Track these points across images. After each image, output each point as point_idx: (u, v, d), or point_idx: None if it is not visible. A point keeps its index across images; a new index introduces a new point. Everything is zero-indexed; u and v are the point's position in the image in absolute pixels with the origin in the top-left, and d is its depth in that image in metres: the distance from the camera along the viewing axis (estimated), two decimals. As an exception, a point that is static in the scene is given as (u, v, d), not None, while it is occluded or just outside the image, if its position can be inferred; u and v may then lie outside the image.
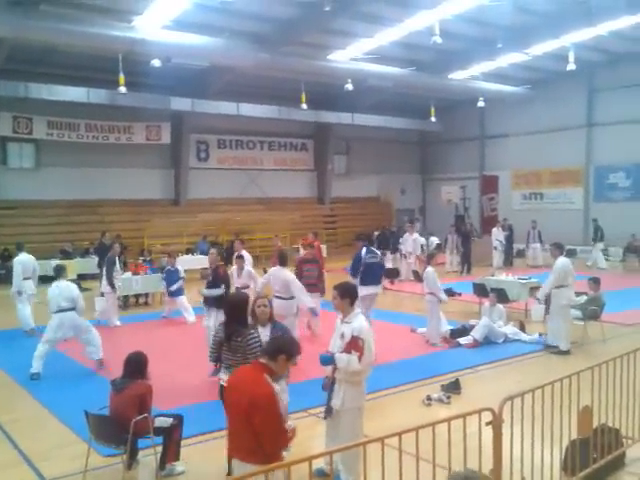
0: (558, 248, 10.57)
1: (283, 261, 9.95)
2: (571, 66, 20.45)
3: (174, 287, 13.62)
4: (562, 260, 10.34)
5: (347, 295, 5.58)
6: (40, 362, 9.06)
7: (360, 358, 5.27)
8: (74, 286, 9.65)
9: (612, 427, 5.70)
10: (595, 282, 11.08)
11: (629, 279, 19.27)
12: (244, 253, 11.97)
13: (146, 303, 15.93)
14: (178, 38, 17.69)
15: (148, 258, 18.59)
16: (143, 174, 25.27)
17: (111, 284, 12.98)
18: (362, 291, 9.21)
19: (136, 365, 6.01)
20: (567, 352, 10.07)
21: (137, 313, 14.77)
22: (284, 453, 5.63)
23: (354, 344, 5.31)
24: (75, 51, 18.64)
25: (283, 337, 4.74)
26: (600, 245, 23.07)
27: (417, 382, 8.56)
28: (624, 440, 5.83)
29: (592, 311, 10.81)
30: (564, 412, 5.15)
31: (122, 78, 18.04)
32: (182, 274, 13.86)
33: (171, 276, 13.85)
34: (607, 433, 5.61)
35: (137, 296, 15.83)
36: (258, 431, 3.87)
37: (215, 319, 8.83)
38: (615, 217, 24.84)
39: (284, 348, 4.21)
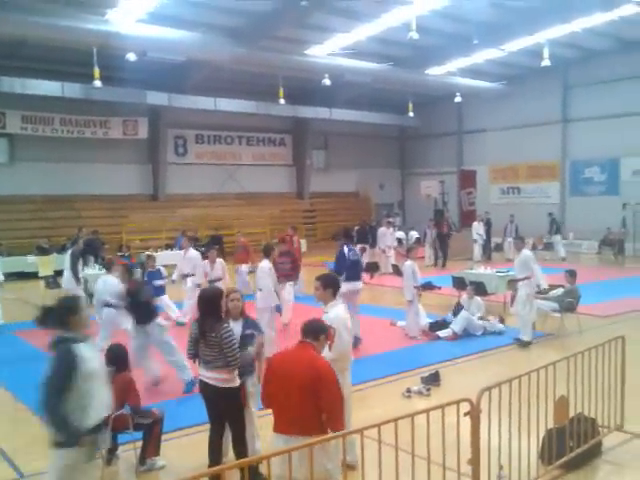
0: (522, 241, 11.12)
1: (267, 253, 9.95)
2: (546, 62, 20.66)
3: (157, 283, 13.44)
4: (527, 252, 10.65)
5: (330, 286, 5.70)
6: None
7: (330, 346, 5.33)
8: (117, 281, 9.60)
9: (588, 416, 5.80)
10: (571, 275, 11.24)
11: (604, 271, 19.57)
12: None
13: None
14: (153, 32, 17.53)
15: (126, 254, 18.43)
16: (120, 169, 25.03)
17: (76, 278, 12.65)
18: (345, 287, 9.25)
19: (116, 358, 5.97)
20: (528, 343, 10.16)
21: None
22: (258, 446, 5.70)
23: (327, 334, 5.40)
24: (48, 44, 18.36)
25: (316, 320, 4.84)
26: (557, 237, 23.58)
27: (397, 375, 8.62)
28: (600, 429, 5.94)
29: (568, 303, 10.95)
30: (541, 402, 5.22)
31: (97, 72, 17.85)
32: (164, 274, 13.58)
33: (153, 277, 13.69)
34: (583, 422, 5.70)
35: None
36: (328, 401, 4.16)
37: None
38: (590, 211, 25.25)
39: (324, 328, 4.64)
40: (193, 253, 13.07)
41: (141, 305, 8.13)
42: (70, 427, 3.87)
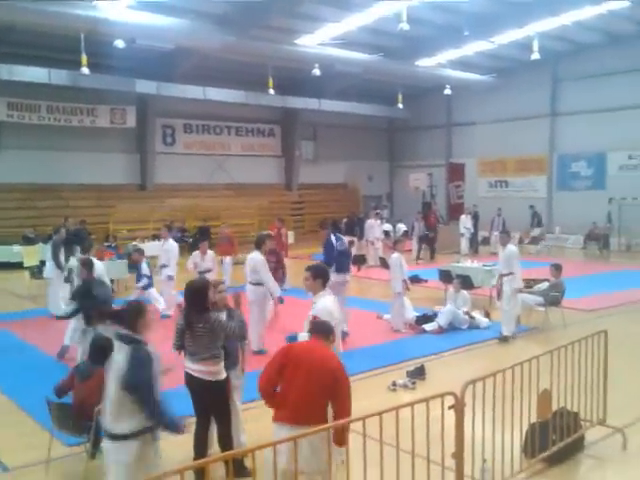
0: (508, 236, 11.07)
1: (258, 244, 9.85)
2: (535, 55, 20.69)
3: (140, 284, 13.30)
4: (513, 247, 10.66)
5: (319, 276, 5.73)
6: None
7: None
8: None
9: (571, 410, 5.85)
10: (557, 269, 11.31)
11: (589, 266, 19.73)
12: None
13: (112, 290, 15.64)
14: (142, 18, 17.36)
15: (113, 244, 18.32)
16: (108, 158, 24.83)
17: (59, 267, 12.33)
18: (333, 278, 9.19)
19: (102, 349, 5.88)
20: (509, 338, 10.18)
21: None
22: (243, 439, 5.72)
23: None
24: (35, 30, 18.14)
25: (324, 320, 5.02)
26: (537, 230, 23.84)
27: (383, 368, 8.66)
28: (583, 423, 5.99)
29: (553, 297, 11.04)
30: (524, 396, 5.26)
31: (84, 58, 17.63)
32: (145, 271, 13.30)
33: (139, 270, 13.57)
34: (566, 416, 5.76)
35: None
36: (341, 396, 4.38)
37: None
38: (577, 205, 25.41)
39: (332, 328, 4.84)
40: (171, 244, 12.87)
41: (94, 305, 7.68)
42: (171, 417, 4.32)
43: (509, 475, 5.13)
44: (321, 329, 4.75)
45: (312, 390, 4.33)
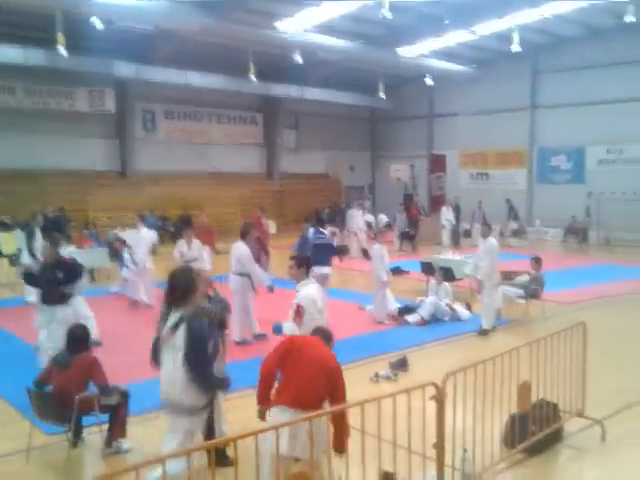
0: (489, 228, 11.21)
1: (243, 234, 9.82)
2: (516, 47, 20.73)
3: (123, 274, 13.23)
4: (493, 240, 10.70)
5: (303, 264, 5.91)
6: None
7: (299, 325, 5.41)
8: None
9: (550, 402, 5.92)
10: (537, 262, 11.43)
11: (569, 259, 19.97)
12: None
13: (92, 279, 15.51)
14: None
15: (93, 231, 18.12)
16: (87, 144, 24.47)
17: (31, 254, 12.16)
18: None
19: (79, 338, 5.87)
20: (488, 331, 10.23)
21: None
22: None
23: (296, 312, 5.58)
24: (10, 7, 17.67)
25: (329, 330, 5.25)
26: (513, 224, 24.14)
27: (365, 359, 8.67)
28: (562, 414, 6.07)
29: (533, 290, 11.16)
30: (504, 387, 5.32)
31: (60, 36, 17.08)
32: (128, 261, 13.20)
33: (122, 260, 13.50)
34: (545, 407, 5.83)
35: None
36: (338, 387, 4.60)
37: None
38: (556, 199, 25.66)
39: (332, 337, 5.12)
40: (144, 232, 12.85)
41: (52, 283, 7.76)
42: (222, 380, 4.81)
43: (489, 465, 5.20)
44: (324, 334, 5.00)
45: (314, 380, 4.50)
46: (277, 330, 5.83)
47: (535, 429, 5.64)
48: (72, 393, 5.39)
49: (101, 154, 25.20)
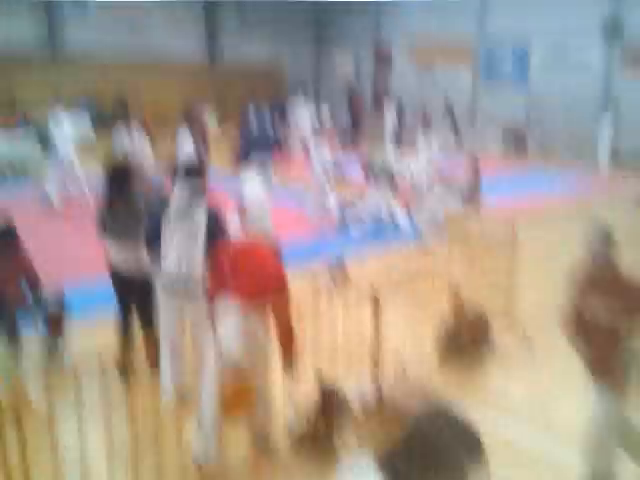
0: (429, 128, 11.57)
1: (187, 117, 9.60)
2: None
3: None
4: (434, 141, 10.77)
5: (243, 154, 5.89)
6: None
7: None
8: None
9: (482, 314, 6.17)
10: (474, 160, 11.52)
11: (507, 164, 20.25)
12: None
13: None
14: None
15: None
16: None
17: None
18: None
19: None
20: (426, 241, 10.22)
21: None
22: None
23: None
24: None
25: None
26: (448, 122, 23.79)
27: (305, 266, 8.57)
28: (492, 326, 6.27)
29: (470, 196, 11.38)
30: (439, 297, 5.49)
31: None
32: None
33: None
34: (477, 319, 6.10)
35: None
36: (280, 306, 4.20)
37: None
38: (499, 100, 25.60)
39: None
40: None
41: None
42: None
43: (425, 375, 5.45)
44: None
45: (258, 284, 4.16)
46: None
47: (467, 340, 5.93)
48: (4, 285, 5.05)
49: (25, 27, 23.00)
